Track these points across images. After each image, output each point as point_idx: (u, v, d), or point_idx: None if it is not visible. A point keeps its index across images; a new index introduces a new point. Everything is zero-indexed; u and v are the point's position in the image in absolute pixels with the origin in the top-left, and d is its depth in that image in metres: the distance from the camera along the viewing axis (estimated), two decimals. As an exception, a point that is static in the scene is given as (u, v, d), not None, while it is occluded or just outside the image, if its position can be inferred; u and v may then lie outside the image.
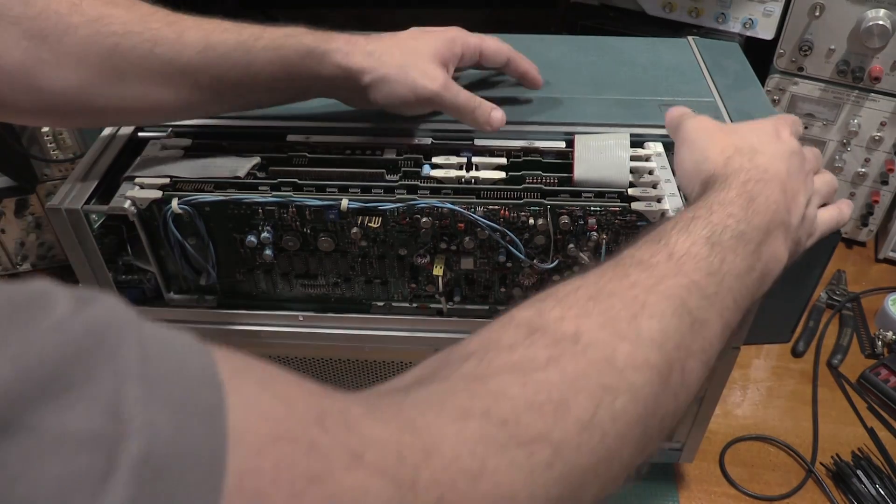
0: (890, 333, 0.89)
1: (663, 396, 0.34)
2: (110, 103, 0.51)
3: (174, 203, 0.55)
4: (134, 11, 0.50)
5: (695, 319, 0.36)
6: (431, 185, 0.56)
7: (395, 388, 0.32)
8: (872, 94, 0.92)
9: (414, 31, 0.57)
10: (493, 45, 0.61)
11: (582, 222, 0.55)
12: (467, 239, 0.56)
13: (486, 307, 0.61)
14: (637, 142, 0.60)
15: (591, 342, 0.33)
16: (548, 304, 0.35)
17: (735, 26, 0.97)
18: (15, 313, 0.20)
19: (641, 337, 0.34)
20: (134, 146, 0.61)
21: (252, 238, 0.56)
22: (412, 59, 0.54)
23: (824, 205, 0.52)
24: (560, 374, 0.31)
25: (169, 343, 0.23)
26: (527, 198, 0.54)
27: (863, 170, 0.98)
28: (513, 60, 0.62)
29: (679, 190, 0.55)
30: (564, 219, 0.54)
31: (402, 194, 0.55)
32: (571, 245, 0.56)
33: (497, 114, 0.57)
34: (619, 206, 0.54)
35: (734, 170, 0.45)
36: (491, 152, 0.60)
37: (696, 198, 0.46)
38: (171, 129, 0.62)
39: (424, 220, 0.55)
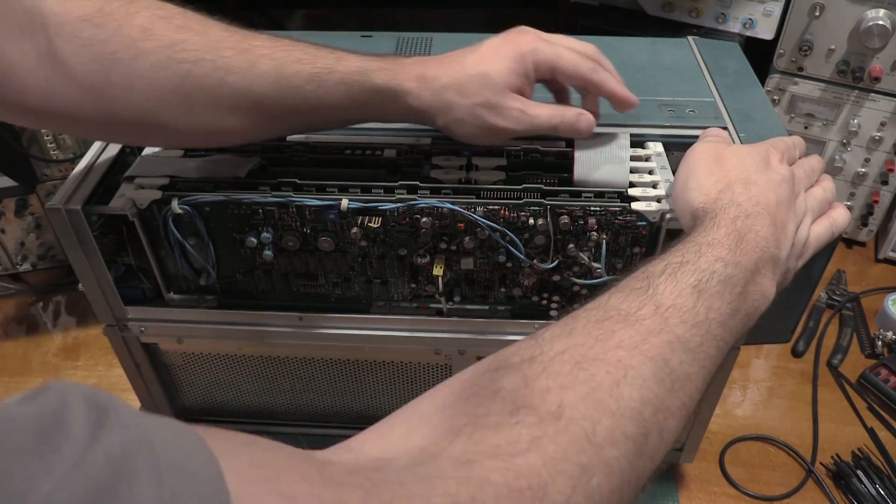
0: (890, 333, 0.89)
1: (639, 463, 0.35)
2: (180, 127, 0.51)
3: (174, 203, 0.55)
4: (207, 37, 0.49)
5: (676, 378, 0.37)
6: (431, 185, 0.56)
7: (389, 458, 0.33)
8: (872, 94, 0.92)
9: (485, 52, 0.52)
10: (569, 62, 0.52)
11: (582, 222, 0.55)
12: (467, 239, 0.56)
13: (486, 307, 0.61)
14: (637, 142, 0.60)
15: (573, 418, 0.34)
16: (535, 370, 0.36)
17: (735, 26, 0.97)
18: (38, 446, 0.21)
19: (622, 407, 0.35)
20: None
21: (252, 238, 0.56)
22: (483, 96, 0.51)
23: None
24: (541, 458, 0.32)
25: (179, 456, 0.24)
26: (527, 198, 0.54)
27: (863, 170, 0.98)
28: (590, 84, 0.54)
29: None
30: (564, 219, 0.54)
31: (402, 194, 0.55)
32: (571, 245, 0.56)
33: (583, 121, 0.54)
34: (619, 206, 0.54)
35: (724, 205, 0.45)
36: (491, 152, 0.60)
37: (687, 231, 0.46)
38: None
39: (424, 220, 0.55)
